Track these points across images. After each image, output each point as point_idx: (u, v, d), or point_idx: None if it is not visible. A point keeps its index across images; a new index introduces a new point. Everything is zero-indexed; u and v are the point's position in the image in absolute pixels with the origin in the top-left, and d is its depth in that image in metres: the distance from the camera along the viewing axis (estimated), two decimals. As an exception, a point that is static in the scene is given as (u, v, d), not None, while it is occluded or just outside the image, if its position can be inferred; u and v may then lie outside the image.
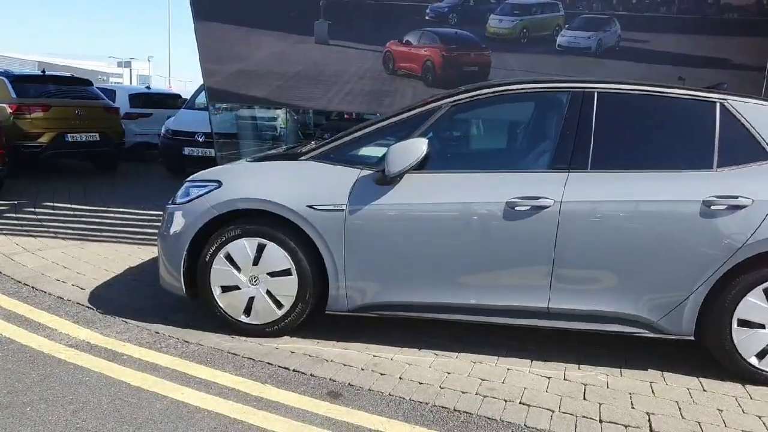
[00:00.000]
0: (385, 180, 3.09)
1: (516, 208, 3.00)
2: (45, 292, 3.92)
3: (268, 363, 3.02)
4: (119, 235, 5.61)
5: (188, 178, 3.50)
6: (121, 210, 6.77)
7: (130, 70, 48.44)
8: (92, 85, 10.54)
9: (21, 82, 9.44)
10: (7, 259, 4.65)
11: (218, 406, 2.58)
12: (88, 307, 3.69)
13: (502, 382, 2.93)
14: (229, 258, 3.27)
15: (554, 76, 3.49)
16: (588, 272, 3.05)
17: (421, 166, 3.08)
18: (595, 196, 2.99)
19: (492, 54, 6.16)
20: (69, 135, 9.30)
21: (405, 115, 3.28)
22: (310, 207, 3.14)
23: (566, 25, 6.01)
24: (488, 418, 2.59)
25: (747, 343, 2.98)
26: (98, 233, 5.62)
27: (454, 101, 3.22)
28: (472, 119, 3.46)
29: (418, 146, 3.00)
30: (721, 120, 3.02)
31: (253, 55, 6.60)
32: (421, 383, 2.89)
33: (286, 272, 3.24)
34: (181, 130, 9.39)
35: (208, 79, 6.73)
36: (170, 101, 12.87)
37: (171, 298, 3.61)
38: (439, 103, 3.24)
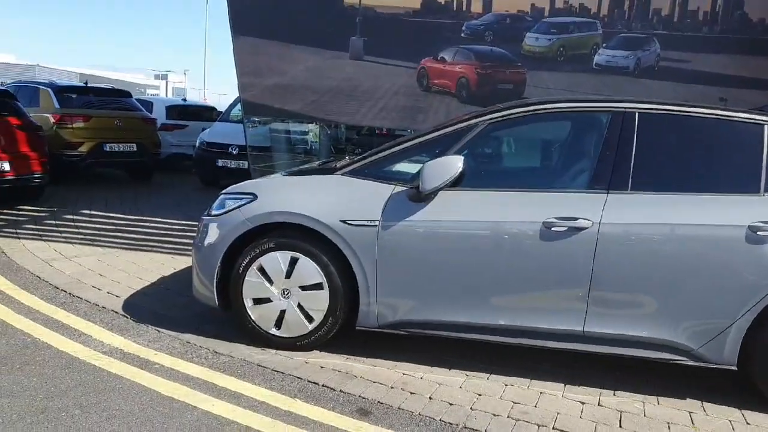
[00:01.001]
0: (419, 197, 3.07)
1: (553, 229, 2.95)
2: (81, 299, 4.00)
3: (298, 377, 3.01)
4: (153, 244, 5.71)
5: (224, 191, 3.54)
6: (155, 219, 6.90)
7: (167, 82, 49.85)
8: (131, 96, 10.87)
9: (64, 92, 9.80)
10: (45, 264, 4.77)
11: (248, 419, 2.57)
12: (122, 314, 3.75)
13: (535, 406, 2.86)
14: (261, 270, 3.29)
15: (592, 96, 3.42)
16: (626, 296, 2.97)
17: (456, 183, 3.06)
18: (634, 218, 2.92)
19: (528, 72, 6.12)
20: (107, 145, 9.58)
21: (440, 132, 3.27)
22: (344, 222, 3.14)
23: (604, 44, 5.94)
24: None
25: (794, 375, 2.85)
26: (133, 242, 5.73)
27: (491, 119, 3.19)
28: (508, 138, 3.43)
29: (454, 163, 2.98)
30: (770, 143, 2.93)
31: (289, 69, 6.69)
32: (451, 404, 2.83)
33: (318, 286, 3.23)
34: (216, 142, 9.58)
35: (245, 93, 6.85)
36: (205, 113, 13.15)
37: (203, 309, 3.64)
38: (475, 120, 3.22)
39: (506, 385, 3.08)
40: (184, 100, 15.10)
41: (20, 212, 6.84)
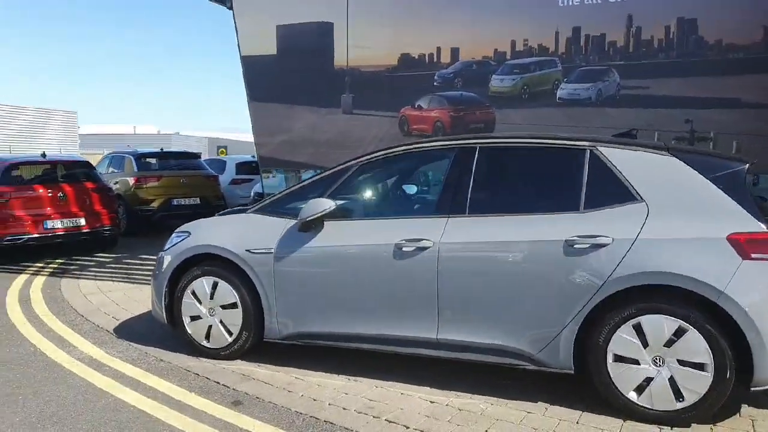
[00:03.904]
0: (304, 227, 3.74)
1: (403, 249, 3.47)
2: (90, 321, 5.05)
3: (206, 377, 3.74)
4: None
5: (175, 230, 4.44)
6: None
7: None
8: (199, 158, 12.57)
9: (142, 158, 11.63)
10: (83, 297, 5.95)
11: (143, 403, 3.34)
12: (110, 333, 4.72)
13: (386, 403, 3.33)
14: (193, 293, 4.10)
15: (460, 136, 3.92)
16: (467, 306, 3.38)
17: (336, 215, 3.69)
18: (469, 237, 3.37)
19: (496, 111, 6.59)
20: (175, 200, 11.16)
21: (327, 173, 3.95)
22: (248, 251, 3.88)
23: (565, 79, 6.28)
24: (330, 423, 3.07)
25: (624, 378, 3.08)
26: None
27: (361, 162, 3.82)
28: (375, 175, 3.99)
29: (323, 204, 3.62)
30: (590, 166, 3.26)
31: (294, 126, 7.71)
32: (315, 399, 3.40)
33: (234, 305, 3.97)
34: (265, 192, 10.81)
35: (260, 149, 7.95)
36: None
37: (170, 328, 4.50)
38: (351, 162, 3.86)
39: (375, 387, 3.57)
40: (253, 157, 16.81)
41: (93, 258, 8.32)
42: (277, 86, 7.72)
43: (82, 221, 8.45)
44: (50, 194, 8.13)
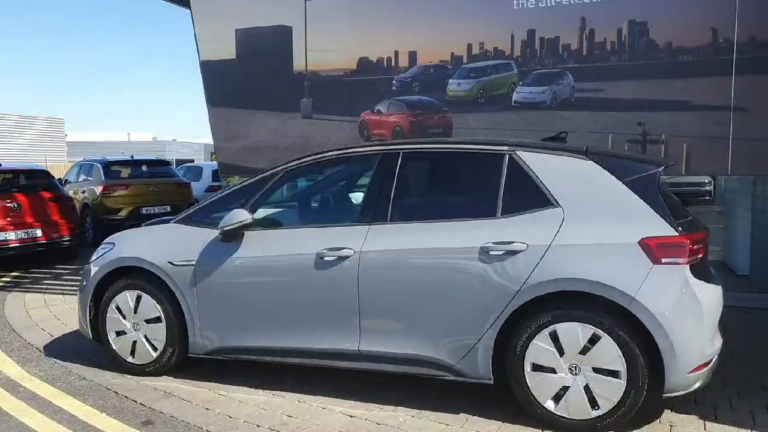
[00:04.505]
0: (226, 238, 3.60)
1: (325, 258, 3.34)
2: (22, 338, 4.88)
3: (125, 396, 3.58)
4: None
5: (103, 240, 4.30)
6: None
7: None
8: (170, 165, 12.41)
9: (111, 166, 11.46)
10: (24, 312, 5.78)
11: (45, 427, 3.18)
12: (39, 350, 4.55)
13: (302, 419, 3.19)
14: (117, 308, 3.95)
15: (371, 142, 3.82)
16: (388, 316, 3.26)
17: (259, 225, 3.56)
18: (389, 245, 3.25)
19: (453, 115, 6.48)
20: (144, 208, 10.99)
21: (252, 180, 3.81)
22: (170, 263, 3.74)
23: (520, 83, 6.18)
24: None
25: (541, 388, 2.97)
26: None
27: (287, 168, 3.70)
28: (301, 182, 3.88)
29: (240, 215, 3.49)
30: (509, 170, 3.15)
31: (254, 132, 7.56)
32: (230, 417, 3.26)
33: (158, 319, 3.82)
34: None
35: (220, 156, 7.79)
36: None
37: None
38: (278, 169, 3.74)
39: (298, 402, 3.43)
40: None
41: (52, 270, 8.13)
42: (236, 91, 7.58)
43: (39, 232, 8.28)
44: (4, 204, 7.94)
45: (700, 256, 2.89)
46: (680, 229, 2.83)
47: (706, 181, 7.90)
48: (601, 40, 5.85)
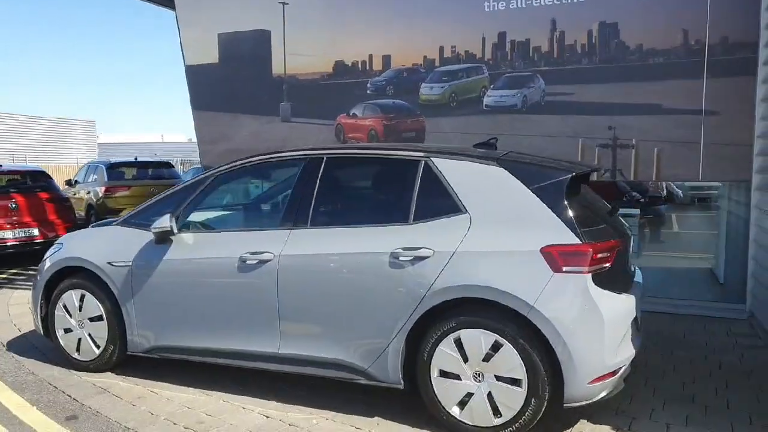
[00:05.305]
0: (160, 240, 3.68)
1: (247, 262, 3.40)
2: (-7, 334, 5.06)
3: (62, 391, 3.70)
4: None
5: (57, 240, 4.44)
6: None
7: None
8: (172, 167, 12.68)
9: (114, 168, 11.77)
10: (5, 307, 5.99)
11: (-24, 418, 3.30)
12: (2, 344, 4.72)
13: (220, 419, 3.25)
14: (64, 306, 4.07)
15: (298, 147, 3.81)
16: (306, 319, 3.30)
17: (188, 227, 3.65)
18: (307, 250, 3.28)
19: (426, 119, 6.48)
20: (145, 209, 11.26)
21: (188, 183, 3.90)
22: (110, 263, 3.85)
23: (491, 86, 6.15)
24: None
25: (447, 394, 2.98)
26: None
27: (217, 172, 3.77)
28: (232, 186, 3.93)
29: (164, 221, 3.57)
30: (423, 177, 3.15)
31: (236, 135, 7.68)
32: (152, 414, 3.34)
33: (100, 318, 3.94)
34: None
35: (204, 158, 7.93)
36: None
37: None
38: (210, 173, 3.81)
39: (223, 401, 3.50)
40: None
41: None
42: (219, 94, 7.71)
43: (36, 232, 8.55)
44: (2, 204, 8.23)
45: (607, 264, 2.84)
46: (585, 237, 2.79)
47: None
48: (572, 42, 5.78)
